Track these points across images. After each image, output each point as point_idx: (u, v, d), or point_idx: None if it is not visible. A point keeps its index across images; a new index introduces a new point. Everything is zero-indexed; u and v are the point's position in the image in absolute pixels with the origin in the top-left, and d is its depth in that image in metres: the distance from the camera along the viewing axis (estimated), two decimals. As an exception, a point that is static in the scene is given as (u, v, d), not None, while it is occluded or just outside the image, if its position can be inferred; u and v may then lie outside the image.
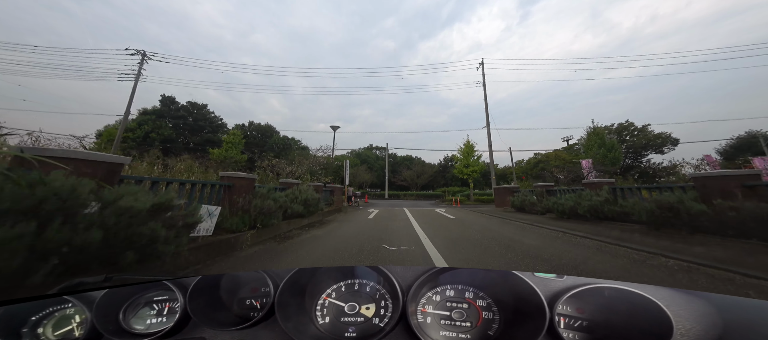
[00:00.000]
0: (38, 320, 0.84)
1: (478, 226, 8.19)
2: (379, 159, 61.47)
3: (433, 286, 0.85)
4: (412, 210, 15.51)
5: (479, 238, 5.95)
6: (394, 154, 72.05)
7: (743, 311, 0.65)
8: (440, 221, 10.01)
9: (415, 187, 49.35)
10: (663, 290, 0.68)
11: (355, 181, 45.54)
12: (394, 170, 63.11)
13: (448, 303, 0.82)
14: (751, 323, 0.61)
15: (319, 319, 0.83)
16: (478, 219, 10.65)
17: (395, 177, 55.52)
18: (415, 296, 0.81)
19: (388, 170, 42.30)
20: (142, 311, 0.91)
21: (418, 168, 52.76)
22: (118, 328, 0.86)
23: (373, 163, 56.48)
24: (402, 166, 57.39)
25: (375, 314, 0.82)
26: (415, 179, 48.83)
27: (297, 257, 4.31)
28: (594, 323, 0.70)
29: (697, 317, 0.62)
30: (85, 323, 0.83)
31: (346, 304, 0.84)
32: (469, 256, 4.36)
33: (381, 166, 56.22)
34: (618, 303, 0.69)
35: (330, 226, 8.28)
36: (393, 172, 62.26)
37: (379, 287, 0.88)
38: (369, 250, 4.71)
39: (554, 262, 3.93)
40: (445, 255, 4.39)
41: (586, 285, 0.71)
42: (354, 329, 0.79)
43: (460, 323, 0.78)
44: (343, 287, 0.90)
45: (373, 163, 57.06)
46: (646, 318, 0.64)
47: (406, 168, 53.29)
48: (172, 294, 0.89)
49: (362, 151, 64.88)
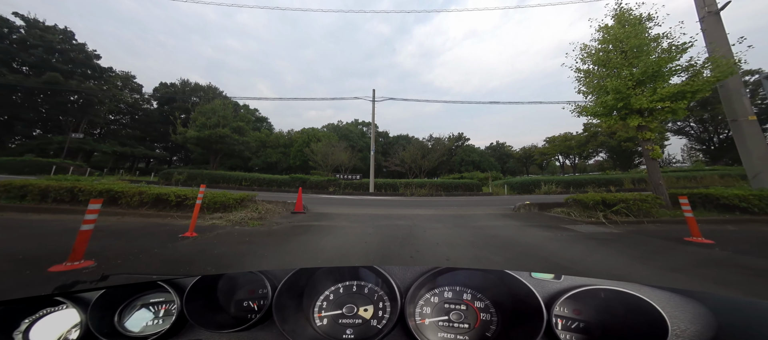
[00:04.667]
0: (32, 322, 0.82)
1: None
2: (365, 136, 45.90)
3: (431, 287, 0.84)
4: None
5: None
6: (385, 134, 56.68)
7: (737, 311, 0.66)
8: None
9: (415, 173, 34.40)
10: (659, 292, 0.69)
11: (326, 162, 30.05)
12: (386, 152, 47.96)
13: (446, 305, 0.81)
14: (745, 323, 0.62)
15: (317, 321, 0.83)
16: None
17: (387, 161, 40.47)
18: (414, 298, 0.80)
19: (374, 138, 20.05)
20: (138, 313, 0.89)
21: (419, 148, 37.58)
22: (113, 330, 0.84)
23: (356, 141, 41.09)
24: (397, 146, 42.21)
25: (373, 316, 0.81)
26: (417, 161, 33.65)
27: None
28: (591, 324, 0.71)
29: (692, 318, 0.64)
30: (80, 326, 0.80)
31: (344, 305, 0.83)
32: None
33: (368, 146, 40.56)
34: (614, 304, 0.69)
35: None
36: (384, 154, 47.19)
37: (377, 289, 0.87)
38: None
39: None
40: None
41: (583, 287, 0.71)
42: (352, 331, 0.79)
43: (458, 324, 0.77)
44: (340, 288, 0.88)
45: (356, 140, 41.66)
46: (642, 319, 0.64)
47: (402, 148, 38.15)
48: (169, 296, 0.86)
49: (345, 126, 49.24)
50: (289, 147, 38.73)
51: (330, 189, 16.93)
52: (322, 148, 31.24)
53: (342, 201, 11.33)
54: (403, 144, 43.12)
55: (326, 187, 17.34)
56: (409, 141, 46.56)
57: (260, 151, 37.76)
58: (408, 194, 16.54)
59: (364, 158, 39.48)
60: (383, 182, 18.38)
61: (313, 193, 16.03)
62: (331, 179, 18.17)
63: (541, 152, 50.67)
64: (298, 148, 35.94)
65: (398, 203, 11.17)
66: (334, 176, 19.43)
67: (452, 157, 46.29)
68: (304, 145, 34.71)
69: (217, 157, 24.95)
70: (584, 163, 56.42)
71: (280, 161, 37.56)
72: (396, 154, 37.37)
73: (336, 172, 27.80)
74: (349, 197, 13.59)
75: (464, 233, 4.81)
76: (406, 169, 35.41)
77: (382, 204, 10.38)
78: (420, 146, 38.82)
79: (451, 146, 44.78)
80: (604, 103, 6.85)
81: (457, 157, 46.54)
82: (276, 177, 18.43)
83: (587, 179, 17.54)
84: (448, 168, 44.84)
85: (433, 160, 34.51)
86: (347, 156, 30.63)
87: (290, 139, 40.88)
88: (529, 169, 57.87)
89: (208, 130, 22.65)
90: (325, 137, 38.22)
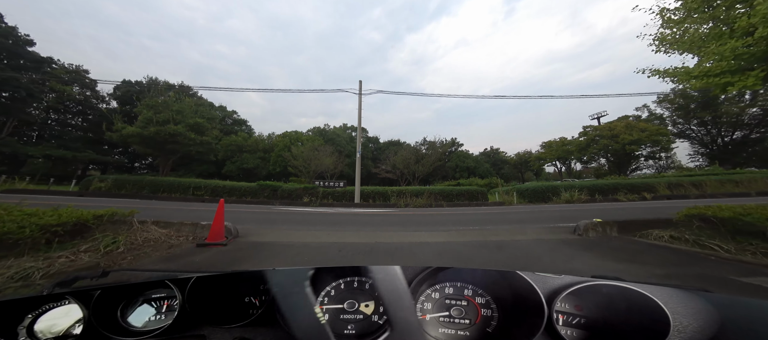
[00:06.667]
0: (35, 317, 0.83)
1: None
2: (353, 141, 42.81)
3: (432, 284, 0.84)
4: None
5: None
6: (375, 139, 53.69)
7: (740, 308, 0.65)
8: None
9: (408, 179, 31.41)
10: (660, 288, 0.68)
11: (308, 168, 26.77)
12: (376, 157, 44.89)
13: (447, 300, 0.81)
14: (747, 321, 0.62)
15: (319, 316, 0.80)
16: None
17: (378, 167, 37.41)
18: (415, 294, 0.80)
19: (360, 135, 18.04)
20: (140, 308, 0.89)
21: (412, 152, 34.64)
22: (116, 325, 0.84)
23: (344, 146, 37.94)
24: (388, 152, 39.20)
25: (374, 312, 0.81)
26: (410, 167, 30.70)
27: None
28: (592, 320, 0.70)
29: (693, 314, 0.63)
30: (82, 321, 0.81)
31: (345, 301, 0.83)
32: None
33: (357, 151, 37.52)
34: (616, 300, 0.69)
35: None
36: (374, 160, 44.08)
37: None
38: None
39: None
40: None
41: (585, 283, 0.70)
42: (353, 327, 0.78)
43: (459, 320, 0.77)
44: (342, 284, 0.87)
45: (344, 145, 38.51)
46: (644, 315, 0.64)
47: (393, 154, 35.15)
48: (171, 291, 0.87)
49: (332, 130, 46.07)
50: (269, 152, 35.19)
51: (304, 199, 13.71)
52: (304, 152, 27.94)
53: (313, 217, 8.18)
54: (394, 150, 40.19)
55: (301, 196, 14.11)
56: (400, 146, 43.71)
57: (236, 157, 34.07)
58: (401, 204, 13.49)
59: (352, 164, 36.41)
60: (372, 189, 15.31)
61: (284, 205, 12.78)
62: (308, 187, 14.93)
63: (537, 157, 48.91)
64: (278, 152, 32.47)
65: (391, 218, 8.09)
66: (311, 184, 16.19)
67: (446, 163, 43.69)
68: (284, 149, 31.30)
69: (169, 161, 20.89)
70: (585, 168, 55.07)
71: (259, 167, 33.95)
72: (387, 160, 34.41)
73: (320, 179, 24.50)
74: (327, 210, 10.44)
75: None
76: (398, 175, 32.44)
77: (369, 222, 7.30)
78: (413, 151, 36.01)
79: (445, 152, 42.18)
80: (733, 50, 4.03)
81: (452, 164, 43.99)
82: (240, 185, 15.06)
83: (615, 184, 14.87)
84: (442, 174, 42.14)
85: (427, 166, 31.74)
86: (332, 161, 27.44)
87: (271, 144, 37.35)
88: (524, 175, 56.09)
89: (155, 126, 18.16)
90: (309, 141, 34.90)
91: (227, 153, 34.20)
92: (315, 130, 44.42)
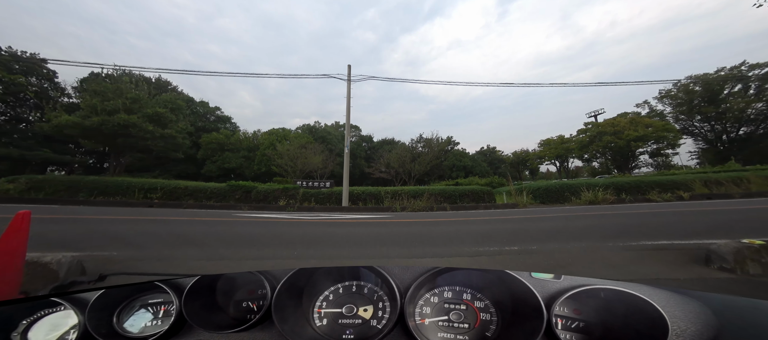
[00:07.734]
0: (29, 323, 0.81)
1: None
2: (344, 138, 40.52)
3: (431, 287, 0.84)
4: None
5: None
6: (369, 138, 51.42)
7: (738, 310, 0.66)
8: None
9: (403, 179, 29.27)
10: (659, 291, 0.69)
11: (295, 167, 24.40)
12: (370, 157, 42.65)
13: (445, 304, 0.80)
14: (746, 323, 0.62)
15: (317, 321, 0.81)
16: None
17: (371, 167, 35.19)
18: (413, 298, 0.79)
19: (348, 128, 15.55)
20: (136, 313, 0.87)
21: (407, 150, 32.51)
22: (112, 331, 0.82)
23: (336, 145, 35.60)
24: (381, 151, 36.94)
25: (373, 316, 0.80)
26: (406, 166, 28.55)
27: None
28: (591, 324, 0.70)
29: (692, 318, 0.63)
30: (78, 327, 0.78)
31: (343, 305, 0.81)
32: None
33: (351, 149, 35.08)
34: (614, 304, 0.68)
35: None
36: (367, 160, 41.82)
37: (376, 289, 0.85)
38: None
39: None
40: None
41: (583, 286, 0.71)
42: (352, 331, 0.77)
43: (458, 324, 0.77)
44: (340, 288, 0.87)
45: (336, 144, 36.17)
46: (642, 319, 0.64)
47: (387, 153, 32.95)
48: (167, 296, 0.84)
49: (323, 127, 43.66)
50: (254, 151, 32.62)
51: (281, 202, 11.42)
52: (291, 150, 25.55)
53: (275, 230, 5.96)
54: (388, 148, 38.01)
55: (277, 199, 11.82)
56: (395, 145, 41.62)
57: (217, 156, 31.45)
58: (397, 207, 11.33)
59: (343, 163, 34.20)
60: (363, 190, 13.14)
61: (254, 209, 10.49)
62: (288, 188, 12.62)
63: (536, 156, 47.36)
64: (263, 151, 29.95)
65: (384, 230, 5.90)
66: (292, 184, 13.87)
67: (443, 162, 41.75)
68: (269, 147, 28.84)
69: (122, 158, 18.01)
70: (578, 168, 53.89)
71: (242, 167, 31.38)
72: (381, 159, 32.24)
73: (308, 179, 22.24)
74: (302, 217, 8.17)
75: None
76: (393, 175, 30.27)
77: (353, 237, 5.12)
78: (409, 149, 33.93)
79: (441, 150, 40.20)
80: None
81: (448, 163, 42.04)
82: (205, 186, 12.65)
83: (646, 182, 12.93)
84: (438, 174, 40.16)
85: (424, 165, 29.66)
86: (321, 160, 25.09)
87: (256, 142, 34.78)
88: (521, 174, 54.66)
89: (100, 115, 14.90)
90: (297, 138, 32.47)
91: (207, 152, 31.56)
92: (304, 128, 42.06)
